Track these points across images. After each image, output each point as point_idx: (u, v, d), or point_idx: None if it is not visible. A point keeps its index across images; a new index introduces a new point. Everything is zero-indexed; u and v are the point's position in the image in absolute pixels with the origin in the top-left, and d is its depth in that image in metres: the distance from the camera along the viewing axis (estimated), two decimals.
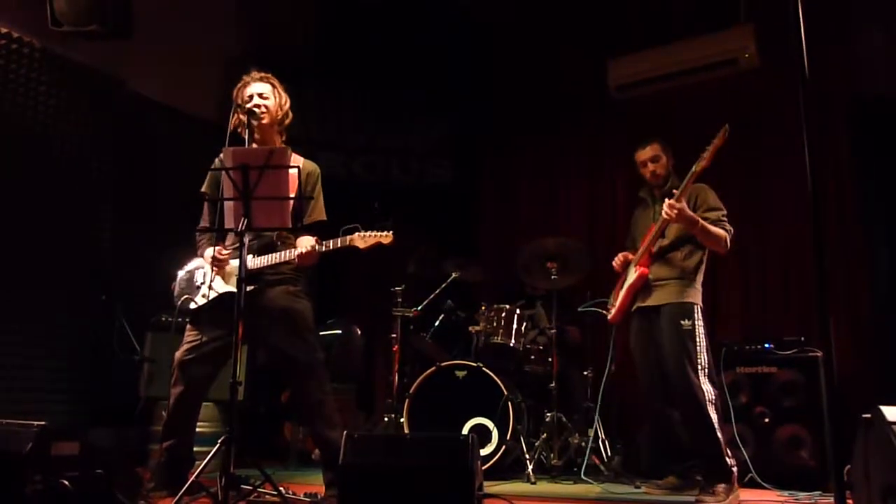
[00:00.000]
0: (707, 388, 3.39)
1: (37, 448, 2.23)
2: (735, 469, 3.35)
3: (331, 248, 2.90)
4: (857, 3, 4.78)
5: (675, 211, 3.38)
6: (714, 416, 3.36)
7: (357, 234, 2.91)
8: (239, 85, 3.16)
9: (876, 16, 4.67)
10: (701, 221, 3.44)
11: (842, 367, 3.90)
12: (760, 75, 4.86)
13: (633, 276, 3.65)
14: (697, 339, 3.44)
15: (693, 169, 3.41)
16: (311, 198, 3.05)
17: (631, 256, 3.76)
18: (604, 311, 3.94)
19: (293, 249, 2.95)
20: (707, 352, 3.46)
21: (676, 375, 3.42)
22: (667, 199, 3.44)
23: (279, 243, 3.03)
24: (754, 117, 4.93)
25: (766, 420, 3.99)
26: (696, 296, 3.54)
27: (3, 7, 4.17)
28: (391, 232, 2.92)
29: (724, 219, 3.54)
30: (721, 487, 3.25)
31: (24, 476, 2.18)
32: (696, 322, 3.47)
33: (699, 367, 3.40)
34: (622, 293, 3.71)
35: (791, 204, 4.68)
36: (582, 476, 3.95)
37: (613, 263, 3.82)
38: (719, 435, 3.34)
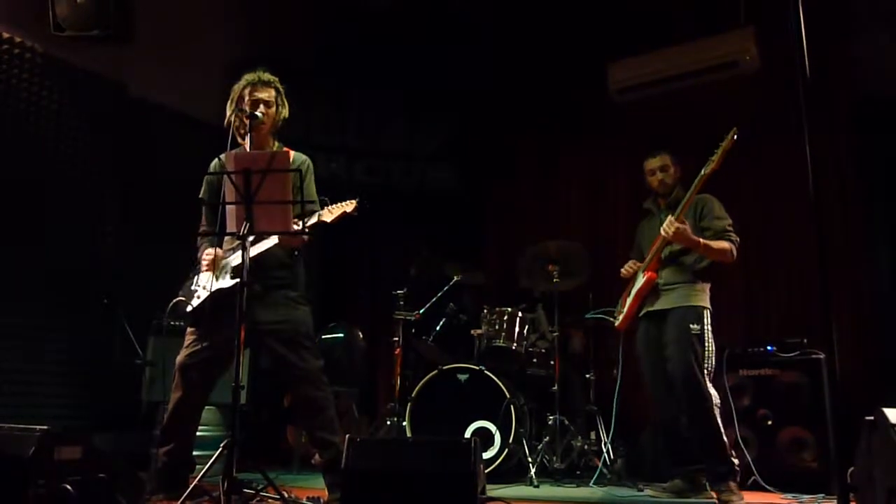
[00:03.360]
0: (711, 391, 3.41)
1: (40, 452, 2.23)
2: (739, 468, 3.38)
3: (307, 225, 2.82)
4: (857, 3, 4.79)
5: (674, 229, 3.38)
6: (718, 419, 3.39)
7: (325, 208, 2.89)
8: (242, 83, 3.07)
9: (876, 16, 4.67)
10: (702, 242, 3.44)
11: (844, 368, 3.88)
12: (761, 77, 4.86)
13: (641, 281, 3.64)
14: (706, 343, 3.44)
15: (701, 172, 3.41)
16: (313, 201, 3.03)
17: (640, 264, 3.74)
18: (610, 319, 3.92)
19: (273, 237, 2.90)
20: (713, 356, 3.46)
21: (683, 379, 3.41)
22: (669, 217, 3.43)
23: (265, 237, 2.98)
24: (755, 119, 4.93)
25: (769, 422, 3.98)
26: (705, 299, 3.55)
27: (4, 13, 4.18)
28: (355, 200, 2.90)
29: (730, 228, 3.54)
30: (733, 485, 3.29)
31: (28, 480, 2.19)
32: (705, 326, 3.48)
33: (705, 370, 3.41)
34: (630, 299, 3.71)
35: (792, 205, 4.67)
36: (585, 480, 3.94)
37: (622, 271, 3.79)
38: (724, 437, 3.37)
